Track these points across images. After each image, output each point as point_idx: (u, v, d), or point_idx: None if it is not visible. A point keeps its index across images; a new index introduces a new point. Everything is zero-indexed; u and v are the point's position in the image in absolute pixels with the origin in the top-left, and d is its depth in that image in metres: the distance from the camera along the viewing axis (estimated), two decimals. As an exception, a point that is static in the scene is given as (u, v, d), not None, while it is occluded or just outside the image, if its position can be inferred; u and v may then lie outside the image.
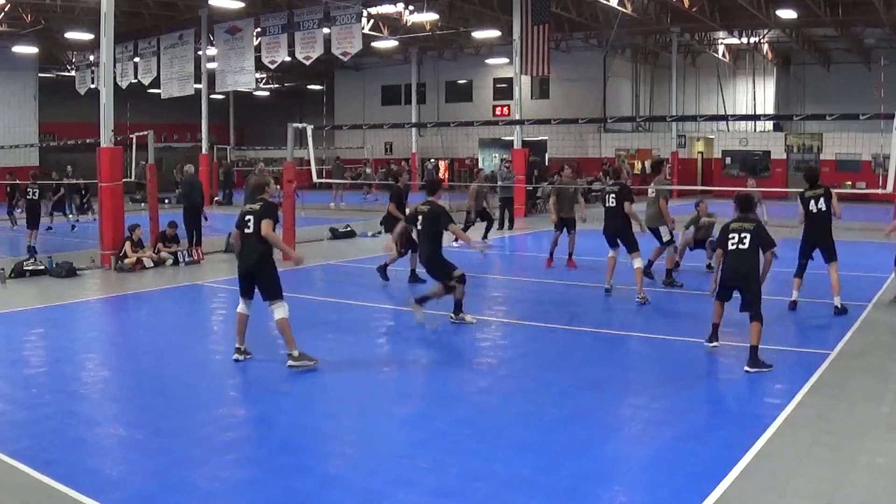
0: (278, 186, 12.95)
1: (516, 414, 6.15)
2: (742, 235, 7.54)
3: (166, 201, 25.09)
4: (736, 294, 7.63)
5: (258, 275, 7.43)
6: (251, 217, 7.43)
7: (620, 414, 6.20)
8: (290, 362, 7.26)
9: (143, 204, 22.13)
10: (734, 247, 7.59)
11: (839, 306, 9.51)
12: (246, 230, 7.45)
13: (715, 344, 7.95)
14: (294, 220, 15.34)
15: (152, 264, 13.79)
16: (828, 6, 26.24)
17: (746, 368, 7.23)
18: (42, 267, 13.02)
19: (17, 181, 21.72)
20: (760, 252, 7.53)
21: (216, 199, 30.21)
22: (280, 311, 7.32)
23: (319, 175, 19.10)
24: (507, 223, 19.99)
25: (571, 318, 10.05)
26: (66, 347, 8.47)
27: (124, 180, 15.21)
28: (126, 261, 13.52)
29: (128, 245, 13.69)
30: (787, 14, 25.76)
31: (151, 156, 16.35)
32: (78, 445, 5.50)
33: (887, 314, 9.74)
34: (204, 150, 31.28)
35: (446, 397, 6.65)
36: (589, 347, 8.41)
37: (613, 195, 10.89)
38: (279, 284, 7.43)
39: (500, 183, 21.15)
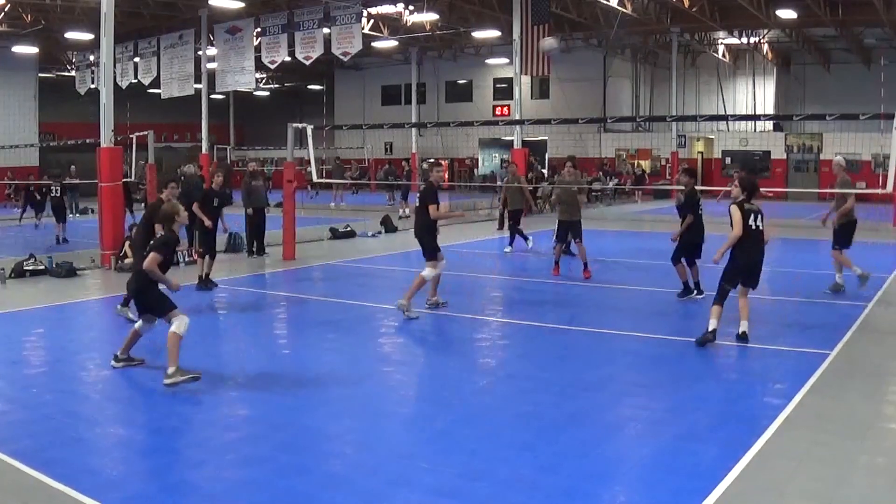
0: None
1: (516, 414, 6.15)
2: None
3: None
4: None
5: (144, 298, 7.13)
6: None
7: (620, 414, 6.20)
8: (166, 380, 6.66)
9: (142, 204, 22.16)
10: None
11: (744, 332, 8.16)
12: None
13: (686, 298, 10.29)
14: (294, 220, 15.35)
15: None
16: (828, 6, 26.26)
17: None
18: (42, 267, 13.02)
19: (17, 180, 21.87)
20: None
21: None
22: (176, 323, 6.88)
23: (319, 175, 19.12)
24: (507, 223, 19.99)
25: (571, 318, 10.04)
26: (66, 347, 8.47)
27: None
28: (126, 261, 13.50)
29: (128, 245, 13.69)
30: (787, 14, 25.78)
31: (151, 156, 16.37)
32: (78, 445, 5.49)
33: (887, 314, 9.74)
34: (204, 150, 31.32)
35: (446, 397, 6.65)
36: (589, 347, 8.40)
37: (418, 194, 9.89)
38: (167, 300, 7.06)
39: (499, 183, 21.21)
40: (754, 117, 33.64)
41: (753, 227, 8.00)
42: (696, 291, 10.47)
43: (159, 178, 6.77)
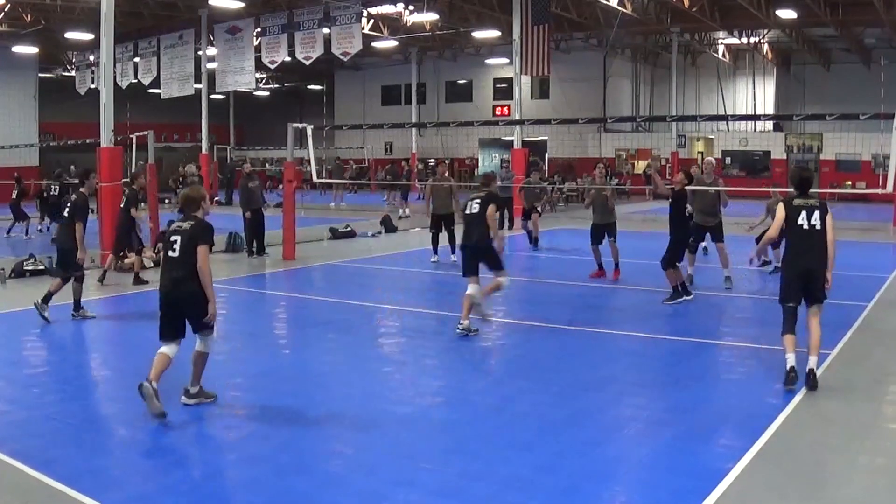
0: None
1: (516, 414, 6.15)
2: None
3: (166, 201, 25.09)
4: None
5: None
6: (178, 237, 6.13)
7: (620, 414, 6.20)
8: (184, 398, 6.13)
9: (142, 204, 22.15)
10: None
11: (811, 371, 6.54)
12: (171, 252, 6.17)
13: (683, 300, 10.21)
14: (294, 220, 15.35)
15: (152, 264, 13.77)
16: (828, 6, 26.26)
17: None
18: (42, 267, 13.01)
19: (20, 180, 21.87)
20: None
21: (216, 199, 30.26)
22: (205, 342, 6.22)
23: (319, 175, 19.10)
24: (507, 223, 20.04)
25: (571, 318, 10.04)
26: (66, 347, 8.47)
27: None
28: (126, 261, 13.50)
29: (128, 245, 13.67)
30: (787, 14, 25.78)
31: (151, 156, 16.35)
32: (78, 445, 5.50)
33: (887, 314, 9.74)
34: (204, 150, 31.34)
35: (446, 397, 6.66)
36: (589, 347, 8.41)
37: (478, 201, 8.80)
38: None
39: (499, 183, 21.20)
40: (754, 117, 33.62)
41: (806, 226, 6.66)
42: (685, 293, 10.44)
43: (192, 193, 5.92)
